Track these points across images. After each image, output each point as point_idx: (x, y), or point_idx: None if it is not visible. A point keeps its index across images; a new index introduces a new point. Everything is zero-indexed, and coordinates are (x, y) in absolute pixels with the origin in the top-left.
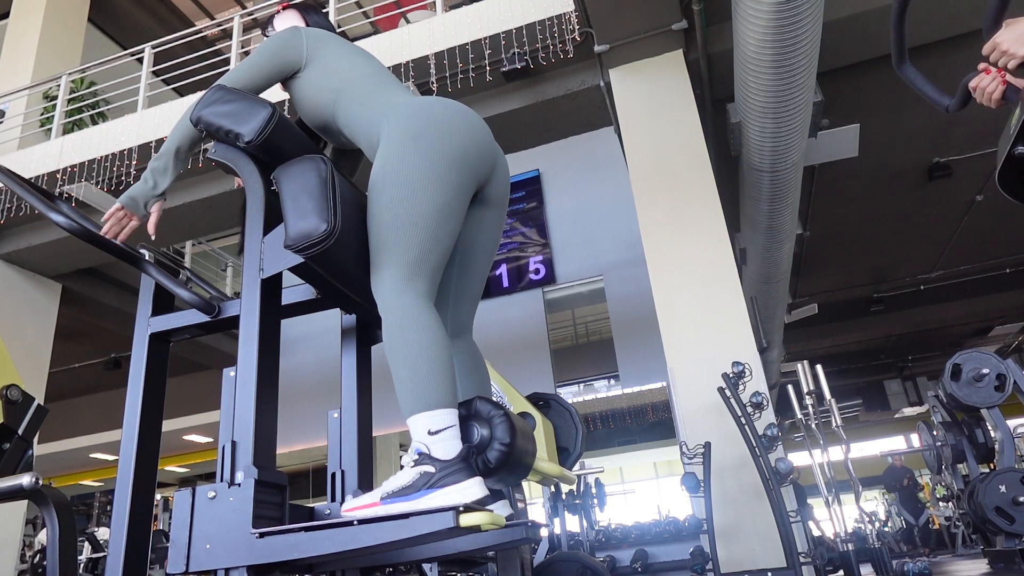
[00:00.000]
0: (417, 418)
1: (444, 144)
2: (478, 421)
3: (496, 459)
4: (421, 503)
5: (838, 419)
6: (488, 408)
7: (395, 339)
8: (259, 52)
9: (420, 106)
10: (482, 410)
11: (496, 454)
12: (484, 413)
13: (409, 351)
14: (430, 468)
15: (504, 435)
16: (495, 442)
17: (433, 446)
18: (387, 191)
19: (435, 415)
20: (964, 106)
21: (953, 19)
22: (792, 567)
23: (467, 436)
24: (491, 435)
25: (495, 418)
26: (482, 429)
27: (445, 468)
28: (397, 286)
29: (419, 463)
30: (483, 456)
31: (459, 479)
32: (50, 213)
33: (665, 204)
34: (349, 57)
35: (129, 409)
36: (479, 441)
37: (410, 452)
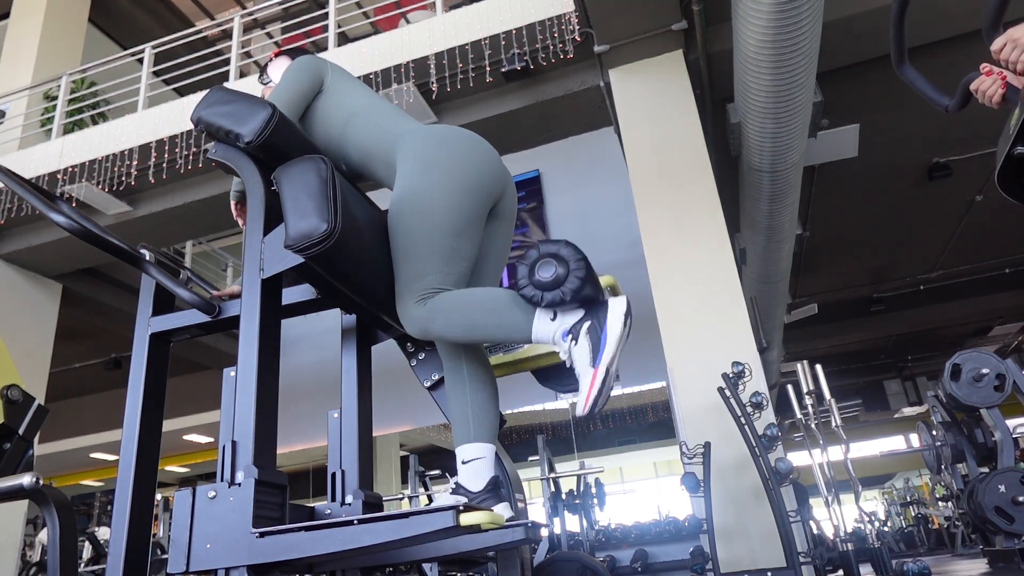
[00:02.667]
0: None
1: (459, 173)
2: (552, 259)
3: (583, 270)
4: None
5: (838, 419)
6: (550, 245)
7: (465, 312)
8: (292, 71)
9: (435, 135)
10: (548, 248)
11: (578, 268)
12: (550, 249)
13: (479, 302)
14: (587, 322)
15: (573, 252)
16: (571, 262)
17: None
18: (405, 219)
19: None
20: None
21: (953, 19)
22: (792, 567)
23: (545, 273)
24: (565, 260)
25: (561, 246)
26: (559, 266)
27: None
28: (423, 301)
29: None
30: (569, 278)
31: (602, 307)
32: (50, 213)
33: (665, 204)
34: (361, 88)
35: (129, 409)
36: (555, 276)
37: (558, 342)
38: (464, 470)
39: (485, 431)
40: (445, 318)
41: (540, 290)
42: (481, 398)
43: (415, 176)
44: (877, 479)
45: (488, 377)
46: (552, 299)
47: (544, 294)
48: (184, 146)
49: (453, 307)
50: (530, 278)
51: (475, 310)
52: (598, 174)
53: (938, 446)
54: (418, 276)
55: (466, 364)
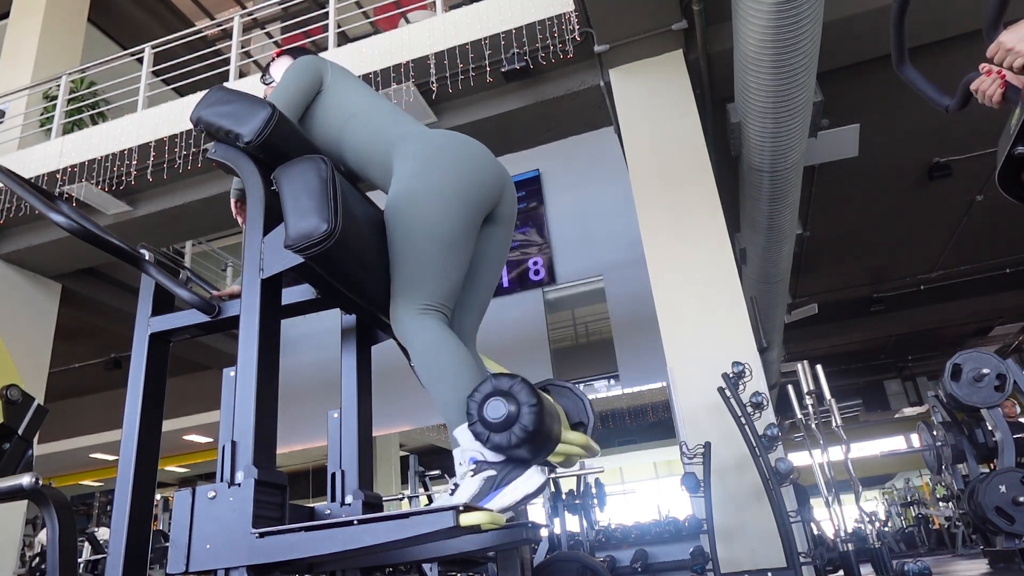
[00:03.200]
0: (464, 429)
1: (454, 182)
2: (501, 396)
3: (531, 421)
4: (496, 503)
5: (838, 419)
6: (506, 380)
7: (429, 364)
8: (292, 71)
9: (432, 140)
10: (501, 384)
11: (529, 416)
12: (504, 386)
13: (444, 373)
14: (491, 472)
15: (529, 397)
16: (523, 407)
17: (486, 451)
18: (399, 224)
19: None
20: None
21: (953, 19)
22: (792, 567)
23: (494, 413)
24: (517, 403)
25: (515, 386)
26: (508, 404)
27: (504, 467)
28: (414, 314)
29: (479, 470)
30: (516, 426)
31: (520, 472)
32: (50, 213)
33: (665, 204)
34: (362, 88)
35: (129, 409)
36: (507, 416)
37: (464, 463)
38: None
39: None
40: (418, 348)
41: (487, 430)
42: None
43: (411, 181)
44: (877, 479)
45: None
46: (498, 443)
47: (491, 435)
48: (184, 146)
49: (428, 349)
50: (479, 413)
51: (438, 369)
52: (598, 174)
53: (938, 446)
54: (410, 283)
55: None
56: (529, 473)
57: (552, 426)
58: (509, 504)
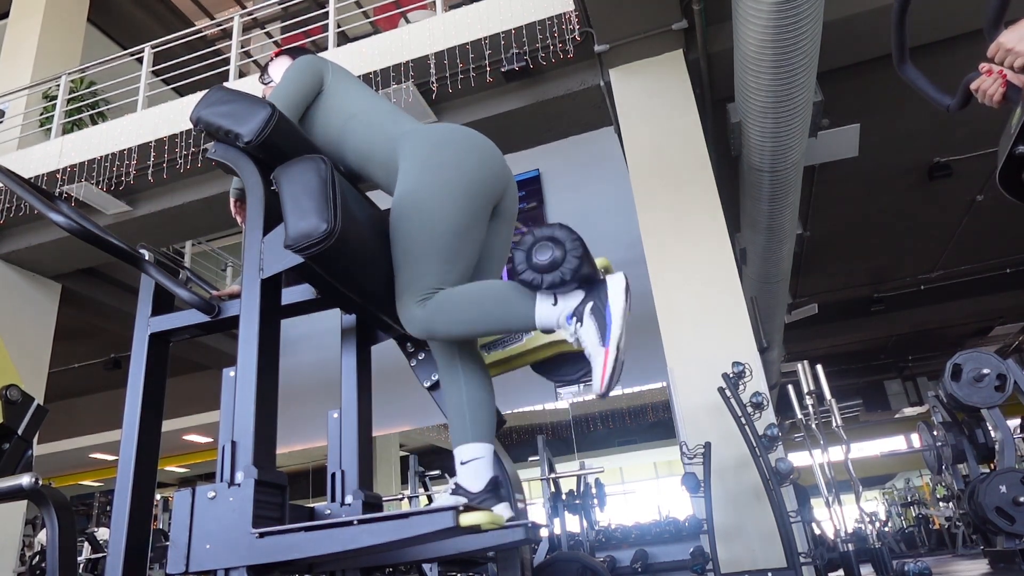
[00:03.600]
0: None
1: (461, 174)
2: (548, 242)
3: (579, 250)
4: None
5: (838, 419)
6: (544, 229)
7: (466, 310)
8: (292, 71)
9: (436, 134)
10: (542, 232)
11: (575, 249)
12: (545, 233)
13: (484, 295)
14: (588, 303)
15: (568, 234)
16: (567, 243)
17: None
18: (407, 220)
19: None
20: (965, 106)
21: (953, 19)
22: (792, 567)
23: (542, 256)
24: (560, 242)
25: (555, 229)
26: (555, 249)
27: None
28: (426, 301)
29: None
30: (567, 258)
31: (603, 285)
32: (50, 213)
33: (665, 204)
34: (361, 88)
35: (129, 409)
36: (552, 258)
37: (565, 326)
38: (463, 471)
39: (483, 431)
40: (447, 316)
41: (539, 273)
42: (477, 397)
43: (417, 177)
44: (878, 479)
45: (484, 376)
46: (552, 281)
47: (543, 277)
48: (183, 146)
49: (454, 304)
50: (528, 263)
51: (476, 304)
52: (598, 174)
53: (939, 446)
54: (419, 277)
55: (461, 364)
56: (610, 280)
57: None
58: (626, 308)
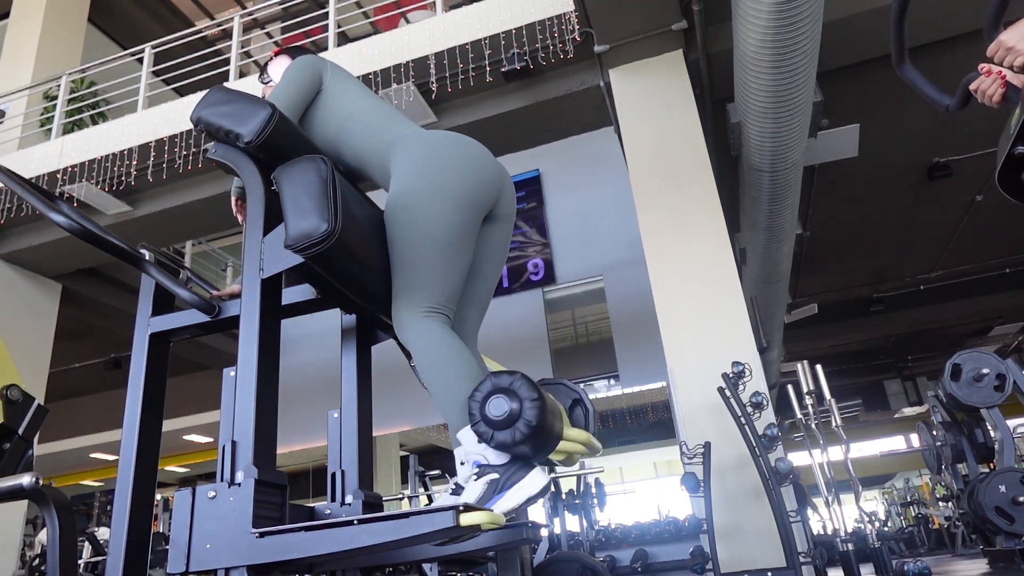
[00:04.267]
0: (467, 431)
1: (453, 183)
2: (503, 394)
3: (534, 416)
4: (500, 506)
5: (838, 419)
6: (506, 378)
7: (431, 367)
8: (292, 70)
9: (430, 141)
10: (501, 382)
11: (532, 411)
12: (504, 383)
13: (446, 375)
14: (494, 475)
15: (531, 392)
16: (525, 402)
17: (489, 453)
18: (399, 226)
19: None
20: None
21: (953, 19)
22: (792, 567)
23: (496, 411)
24: (519, 399)
25: (515, 382)
26: (510, 401)
27: (507, 469)
28: (416, 316)
29: (482, 474)
30: (520, 422)
31: (523, 474)
32: (50, 213)
33: (665, 204)
34: (359, 88)
35: (129, 409)
36: (509, 413)
37: (467, 466)
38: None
39: None
40: (420, 351)
41: (491, 428)
42: None
43: (409, 183)
44: (877, 479)
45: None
46: (502, 440)
47: (494, 433)
48: (184, 146)
49: (430, 351)
50: (481, 411)
51: (441, 373)
52: (598, 174)
53: (938, 446)
54: (412, 286)
55: None
56: (533, 474)
57: (554, 422)
58: (514, 507)
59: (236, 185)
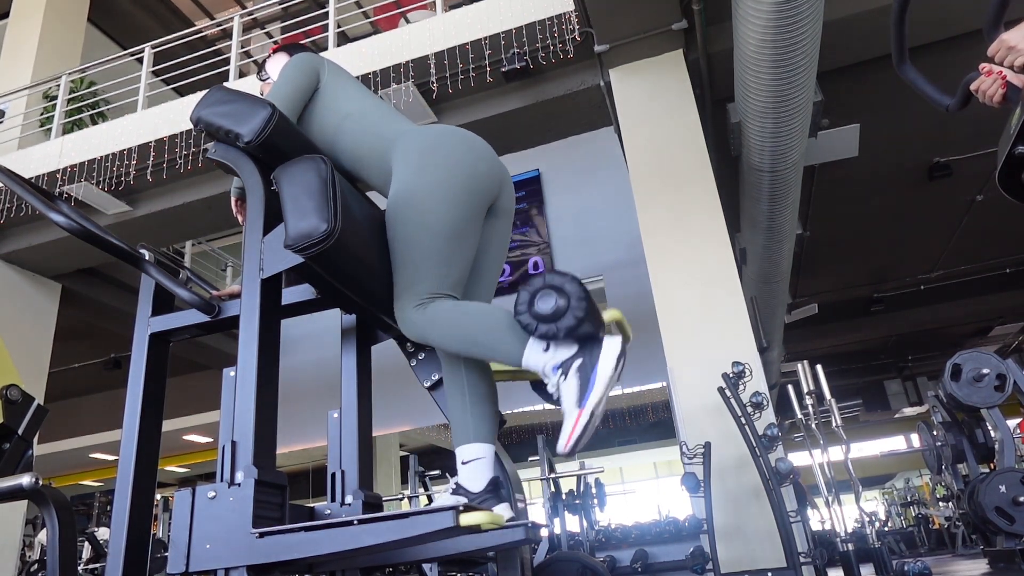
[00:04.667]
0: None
1: (455, 176)
2: (546, 291)
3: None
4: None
5: (838, 419)
6: (538, 280)
7: (457, 332)
8: (289, 69)
9: (429, 135)
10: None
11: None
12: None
13: (478, 321)
14: (578, 360)
15: (564, 280)
16: (567, 289)
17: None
18: (401, 223)
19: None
20: (964, 106)
21: (953, 19)
22: (792, 567)
23: (547, 306)
24: (561, 291)
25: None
26: (558, 296)
27: (583, 350)
28: (423, 306)
29: (566, 369)
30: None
31: (600, 345)
32: (50, 213)
33: (665, 204)
34: (357, 87)
35: (129, 409)
36: (554, 309)
37: (550, 376)
38: (464, 470)
39: (484, 431)
40: (441, 329)
41: (536, 320)
42: (480, 398)
43: (410, 180)
44: (877, 479)
45: (487, 377)
46: (545, 332)
47: (539, 325)
48: (184, 146)
49: (450, 320)
50: (529, 307)
51: (471, 327)
52: (598, 174)
53: (938, 446)
54: (416, 280)
55: (464, 364)
56: (608, 341)
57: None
58: (612, 375)
59: (236, 185)
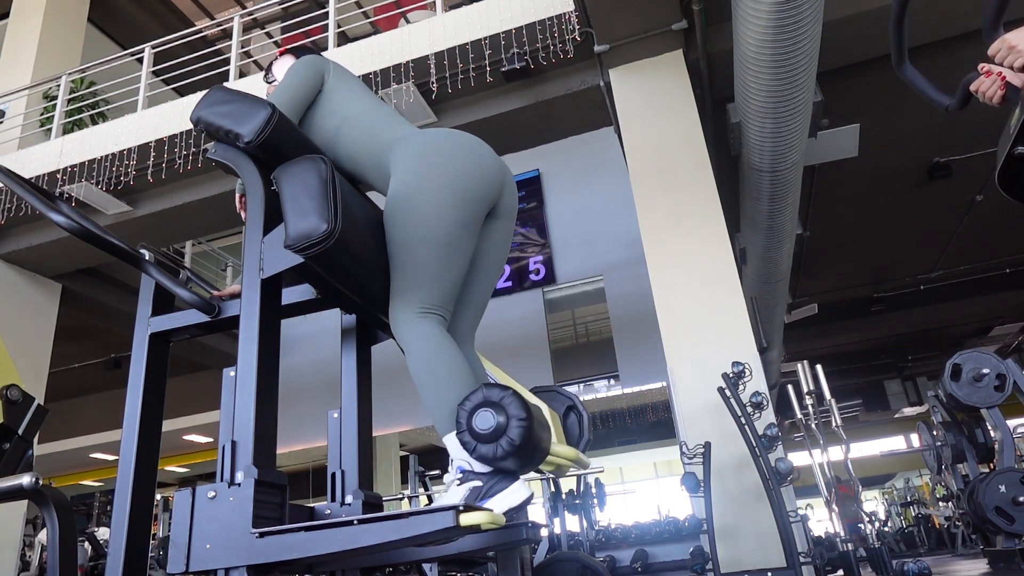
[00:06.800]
0: (452, 437)
1: (452, 183)
2: (491, 407)
3: (519, 435)
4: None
5: (838, 419)
6: (497, 392)
7: (423, 369)
8: (294, 71)
9: (429, 139)
10: (491, 395)
11: (517, 430)
12: (494, 397)
13: (437, 379)
14: (477, 483)
15: (519, 411)
16: (512, 420)
17: (473, 462)
18: (398, 226)
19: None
20: (964, 106)
21: (952, 19)
22: (792, 567)
23: (483, 424)
24: (506, 416)
25: (505, 398)
26: (497, 415)
27: (490, 479)
28: (412, 317)
29: (465, 480)
30: (504, 439)
31: (506, 484)
32: (50, 213)
33: (665, 204)
34: (360, 90)
35: (129, 409)
36: (495, 428)
37: (452, 471)
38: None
39: None
40: (415, 351)
41: (475, 440)
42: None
43: (409, 182)
44: (877, 479)
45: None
46: (484, 454)
47: (478, 445)
48: (184, 146)
49: (424, 355)
50: (467, 423)
51: (432, 378)
52: (598, 174)
53: (938, 446)
54: (409, 285)
55: None
56: (514, 487)
57: (541, 439)
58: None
59: (240, 182)
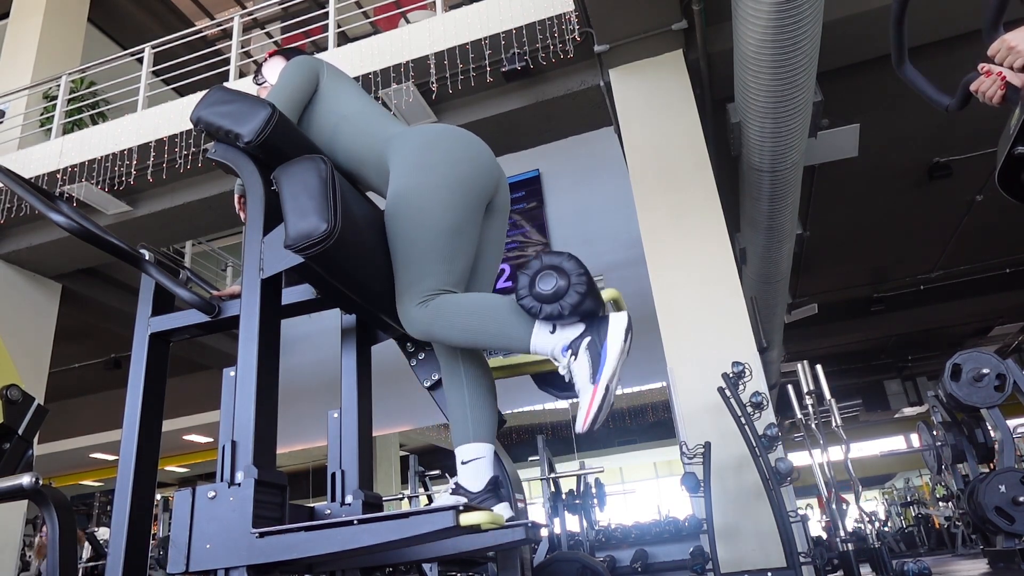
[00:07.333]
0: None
1: (452, 173)
2: (546, 271)
3: (578, 273)
4: (613, 355)
5: (838, 419)
6: (553, 257)
7: (461, 321)
8: (289, 71)
9: (426, 134)
10: (534, 266)
11: (575, 271)
12: (537, 266)
13: (481, 312)
14: (587, 338)
15: (562, 259)
16: (566, 267)
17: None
18: (401, 221)
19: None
20: (964, 106)
21: (952, 19)
22: (792, 567)
23: (545, 285)
24: (561, 271)
25: (563, 259)
26: (558, 276)
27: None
28: (426, 303)
29: (576, 349)
30: (573, 285)
31: (606, 321)
32: (50, 213)
33: (665, 204)
34: (354, 90)
35: (129, 409)
36: (556, 289)
37: (560, 359)
38: (464, 470)
39: (484, 431)
40: (445, 322)
41: (539, 302)
42: (479, 398)
43: (409, 178)
44: (877, 479)
45: (486, 377)
46: (550, 312)
47: (543, 306)
48: (184, 146)
49: (453, 313)
50: (530, 289)
51: (476, 317)
52: (598, 174)
53: (938, 446)
54: (418, 278)
55: (463, 364)
56: (614, 317)
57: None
58: (624, 349)
59: (239, 183)
